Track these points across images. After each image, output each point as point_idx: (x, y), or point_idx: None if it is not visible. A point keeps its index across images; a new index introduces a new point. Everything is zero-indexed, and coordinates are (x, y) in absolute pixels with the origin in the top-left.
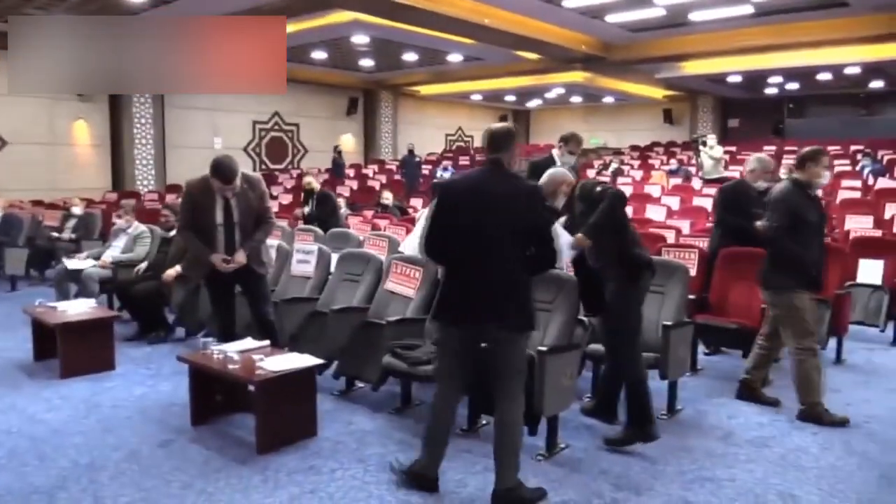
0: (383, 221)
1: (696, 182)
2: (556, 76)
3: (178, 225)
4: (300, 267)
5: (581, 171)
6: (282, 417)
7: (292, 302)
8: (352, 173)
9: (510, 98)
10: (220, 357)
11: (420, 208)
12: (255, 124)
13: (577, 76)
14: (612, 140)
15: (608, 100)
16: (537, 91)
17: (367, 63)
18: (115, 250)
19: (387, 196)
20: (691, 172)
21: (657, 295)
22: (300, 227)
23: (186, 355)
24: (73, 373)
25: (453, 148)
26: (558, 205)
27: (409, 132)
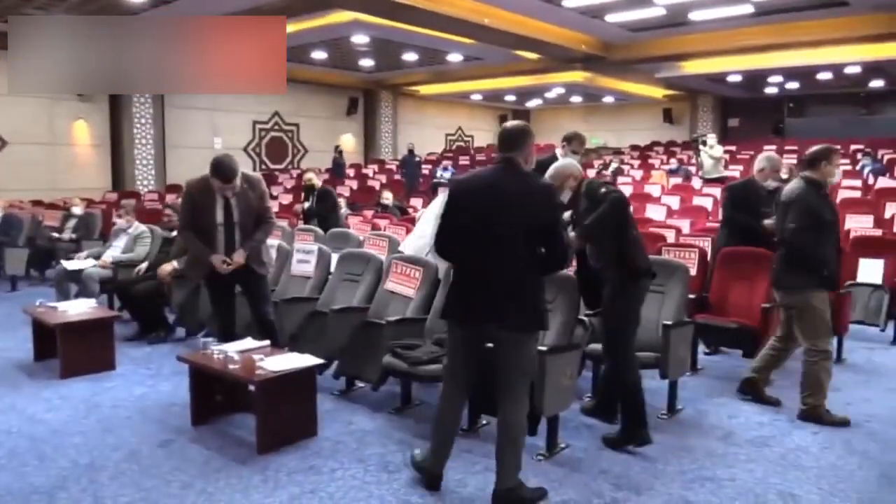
0: (383, 221)
1: (696, 181)
2: (556, 76)
3: (179, 225)
4: (300, 267)
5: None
6: (282, 417)
7: (292, 302)
8: (352, 173)
9: (510, 98)
10: (220, 357)
11: (420, 208)
12: (255, 124)
13: (577, 76)
14: (612, 140)
15: (608, 99)
16: (537, 91)
17: (367, 63)
18: (115, 250)
19: (387, 196)
20: (691, 172)
21: (657, 294)
22: (300, 226)
23: (186, 355)
24: (73, 373)
25: (453, 148)
26: (564, 198)
27: (409, 132)
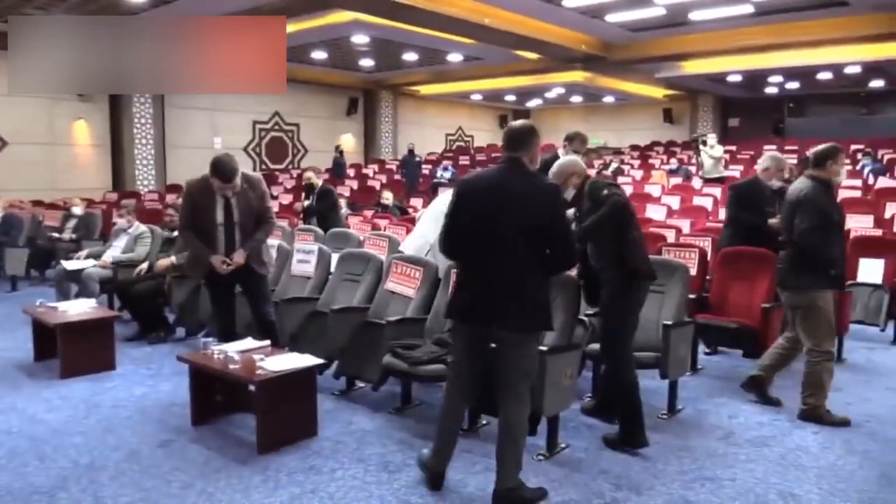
0: (383, 221)
1: (696, 181)
2: (556, 76)
3: (179, 225)
4: (300, 267)
5: None
6: (282, 417)
7: (292, 302)
8: (352, 173)
9: (510, 98)
10: (220, 357)
11: (420, 208)
12: (255, 124)
13: (577, 76)
14: (613, 139)
15: (608, 99)
16: (537, 91)
17: (367, 63)
18: (115, 250)
19: (387, 196)
20: (691, 172)
21: (657, 294)
22: (300, 226)
23: (187, 355)
24: (74, 373)
25: (453, 148)
26: (567, 196)
27: (409, 132)
